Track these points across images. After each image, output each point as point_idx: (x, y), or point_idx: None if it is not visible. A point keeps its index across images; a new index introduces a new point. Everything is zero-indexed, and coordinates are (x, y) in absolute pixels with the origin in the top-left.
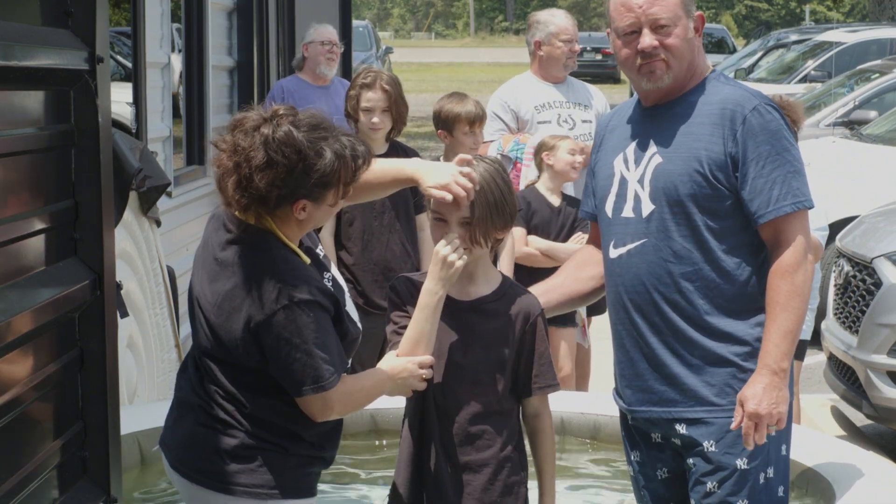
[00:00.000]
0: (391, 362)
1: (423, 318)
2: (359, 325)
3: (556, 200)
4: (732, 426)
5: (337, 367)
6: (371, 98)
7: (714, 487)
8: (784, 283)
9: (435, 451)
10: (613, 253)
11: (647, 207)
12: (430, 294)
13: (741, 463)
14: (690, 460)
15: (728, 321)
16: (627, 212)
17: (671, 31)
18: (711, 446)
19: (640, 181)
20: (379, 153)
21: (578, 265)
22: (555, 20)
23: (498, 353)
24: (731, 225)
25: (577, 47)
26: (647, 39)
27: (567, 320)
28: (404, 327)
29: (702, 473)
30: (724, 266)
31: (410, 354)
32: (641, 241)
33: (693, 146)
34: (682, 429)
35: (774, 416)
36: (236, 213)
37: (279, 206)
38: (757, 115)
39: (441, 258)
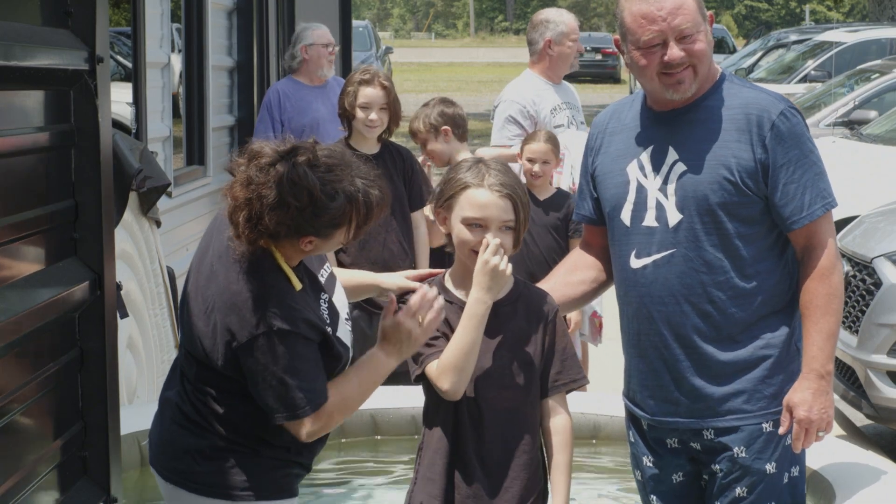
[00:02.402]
0: (382, 343)
1: (473, 326)
2: (350, 347)
3: None
4: (781, 431)
5: (315, 395)
6: (369, 94)
7: (744, 493)
8: (822, 286)
9: (471, 459)
10: (636, 263)
11: (674, 217)
12: (480, 303)
13: (770, 467)
14: (717, 465)
15: (757, 327)
16: (650, 221)
17: (696, 37)
18: (742, 452)
19: (663, 189)
20: (371, 153)
21: (569, 269)
22: (565, 19)
23: (523, 354)
24: (759, 230)
25: (582, 47)
26: (675, 51)
27: None
28: (434, 338)
29: (731, 479)
30: (752, 272)
31: (458, 364)
32: (669, 251)
33: (720, 153)
34: (709, 434)
35: (825, 421)
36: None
37: (286, 239)
38: (784, 119)
39: (491, 268)
